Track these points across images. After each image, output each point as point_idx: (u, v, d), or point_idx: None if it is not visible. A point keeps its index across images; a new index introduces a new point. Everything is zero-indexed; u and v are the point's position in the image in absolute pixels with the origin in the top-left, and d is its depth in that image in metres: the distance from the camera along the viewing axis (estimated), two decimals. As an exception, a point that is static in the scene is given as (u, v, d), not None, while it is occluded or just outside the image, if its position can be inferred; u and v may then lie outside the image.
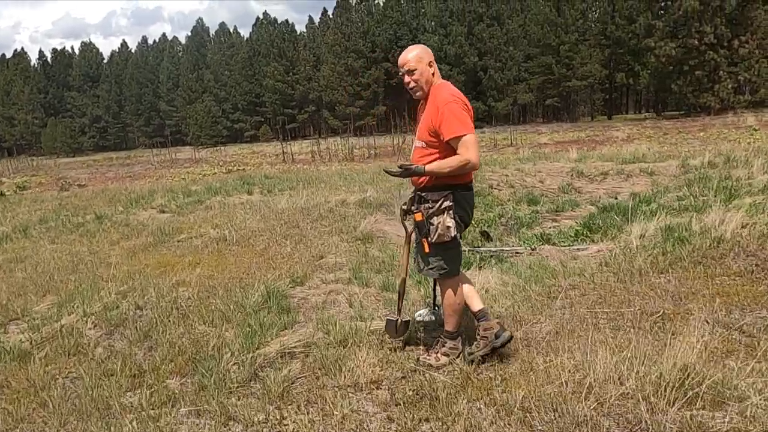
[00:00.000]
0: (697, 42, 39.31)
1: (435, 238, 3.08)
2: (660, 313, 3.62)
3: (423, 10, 62.61)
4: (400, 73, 3.20)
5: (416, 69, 3.11)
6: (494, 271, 4.97)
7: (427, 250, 3.12)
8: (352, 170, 16.23)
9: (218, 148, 51.69)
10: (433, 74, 3.15)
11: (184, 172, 22.18)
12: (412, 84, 3.15)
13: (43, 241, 8.14)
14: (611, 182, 9.93)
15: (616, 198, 8.54)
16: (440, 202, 3.07)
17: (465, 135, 2.97)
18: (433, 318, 3.79)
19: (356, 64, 60.77)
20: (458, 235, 3.14)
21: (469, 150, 2.96)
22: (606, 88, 57.15)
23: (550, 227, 7.14)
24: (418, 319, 3.90)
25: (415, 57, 3.13)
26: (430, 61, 3.15)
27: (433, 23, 60.17)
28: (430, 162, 3.07)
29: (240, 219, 7.94)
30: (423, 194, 3.15)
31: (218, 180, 16.22)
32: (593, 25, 53.24)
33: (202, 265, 5.83)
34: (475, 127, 3.22)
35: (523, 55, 56.33)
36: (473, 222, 5.88)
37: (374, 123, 61.00)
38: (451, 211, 3.08)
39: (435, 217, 3.08)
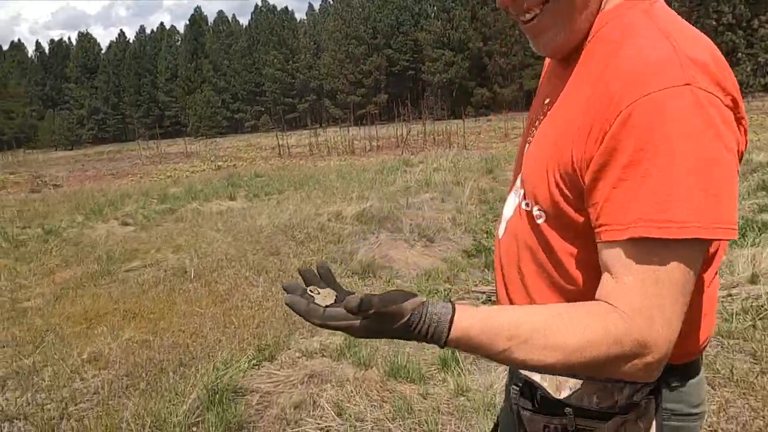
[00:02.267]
0: (714, 22, 37.32)
1: None
2: None
3: (425, -6, 60.52)
4: None
5: None
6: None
7: None
8: (351, 167, 14.58)
9: (214, 140, 49.97)
10: None
11: (171, 168, 20.54)
12: (532, 13, 0.78)
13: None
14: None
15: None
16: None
17: (686, 243, 0.63)
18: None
19: (357, 50, 58.81)
20: None
21: (665, 310, 0.64)
22: (616, 71, 55.24)
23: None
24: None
25: None
26: None
27: (435, 8, 58.03)
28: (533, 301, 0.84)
29: (208, 240, 6.34)
30: (540, 398, 0.84)
31: (203, 179, 14.60)
32: (603, 6, 51.37)
33: (139, 318, 4.25)
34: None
35: (530, 38, 54.37)
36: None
37: (376, 111, 59.14)
38: None
39: None
